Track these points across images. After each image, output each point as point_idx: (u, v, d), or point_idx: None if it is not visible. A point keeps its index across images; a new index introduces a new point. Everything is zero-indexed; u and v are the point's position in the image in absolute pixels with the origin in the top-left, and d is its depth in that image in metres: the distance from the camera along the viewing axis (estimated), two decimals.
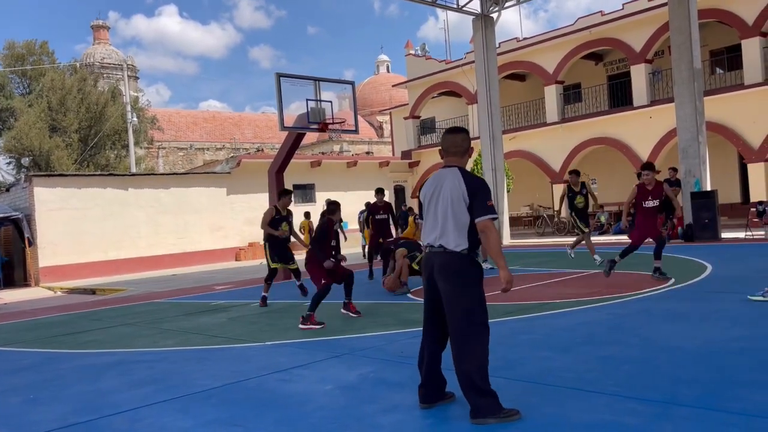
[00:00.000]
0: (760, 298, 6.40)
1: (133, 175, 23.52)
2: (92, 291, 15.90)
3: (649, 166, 8.90)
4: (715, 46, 22.05)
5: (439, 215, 3.76)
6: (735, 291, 7.44)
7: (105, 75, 45.68)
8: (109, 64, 47.38)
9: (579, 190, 11.67)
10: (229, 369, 5.45)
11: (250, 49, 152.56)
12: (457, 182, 3.71)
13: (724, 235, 15.14)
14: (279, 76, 12.55)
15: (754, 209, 15.98)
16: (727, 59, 21.73)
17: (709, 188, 15.39)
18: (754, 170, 19.25)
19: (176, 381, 5.16)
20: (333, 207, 7.71)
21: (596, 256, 11.20)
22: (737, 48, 20.04)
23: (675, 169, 16.04)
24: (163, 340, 7.23)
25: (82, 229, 20.08)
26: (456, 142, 3.87)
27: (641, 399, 3.74)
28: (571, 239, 19.97)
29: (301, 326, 7.11)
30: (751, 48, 19.27)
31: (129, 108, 31.18)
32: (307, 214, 19.16)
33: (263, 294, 9.66)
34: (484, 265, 11.28)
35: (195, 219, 22.68)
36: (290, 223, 13.76)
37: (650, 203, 8.63)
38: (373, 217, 12.02)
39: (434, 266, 3.74)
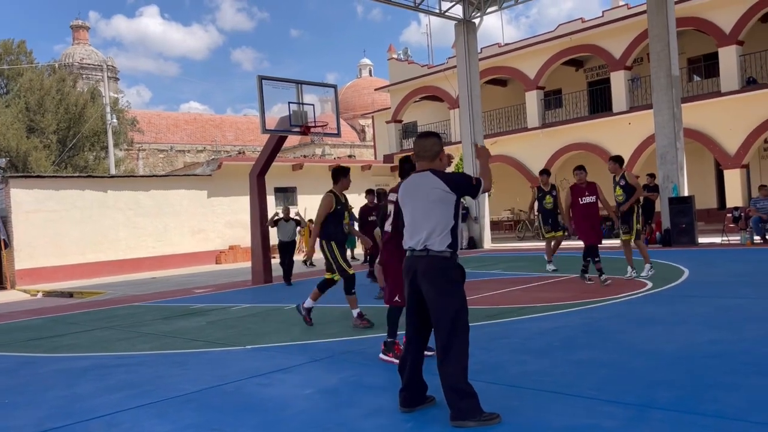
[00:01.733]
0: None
1: (113, 177, 23.26)
2: (70, 294, 15.69)
3: (580, 167, 9.71)
4: (693, 53, 22.40)
5: (420, 219, 3.79)
6: (711, 295, 7.56)
7: (84, 76, 45.19)
8: (89, 64, 46.89)
9: (548, 191, 11.74)
10: (207, 373, 5.41)
11: (233, 51, 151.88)
12: (435, 183, 3.75)
13: (701, 240, 15.36)
14: (261, 78, 12.50)
15: (730, 215, 16.23)
16: (705, 67, 22.08)
17: (686, 194, 15.62)
18: (730, 176, 19.56)
19: (154, 385, 5.11)
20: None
21: (550, 266, 11.20)
22: (714, 56, 20.38)
23: (653, 175, 16.26)
24: (141, 344, 7.16)
25: (59, 232, 19.80)
26: (426, 147, 3.92)
27: (618, 402, 3.78)
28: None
29: (383, 357, 5.38)
30: (727, 56, 19.60)
31: (108, 109, 30.85)
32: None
33: (309, 305, 7.40)
34: (549, 267, 11.20)
35: (175, 221, 22.49)
36: (351, 214, 12.95)
37: (587, 199, 9.16)
38: (366, 219, 11.09)
39: (417, 270, 3.75)
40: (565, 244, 12.78)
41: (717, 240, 15.46)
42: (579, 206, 9.21)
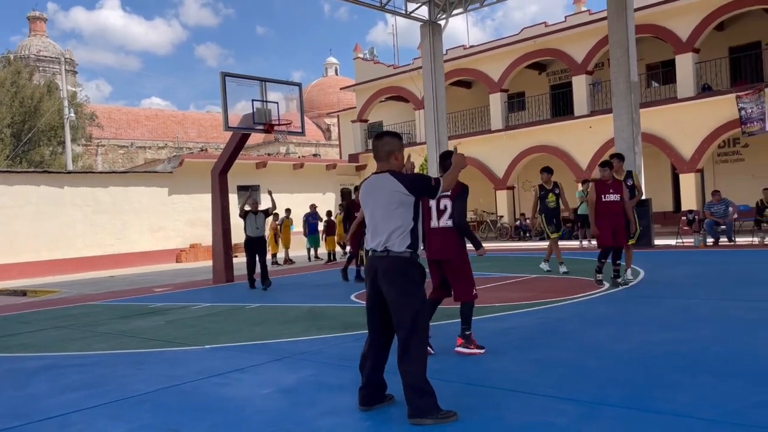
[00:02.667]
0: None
1: (70, 172, 22.69)
2: (23, 292, 15.25)
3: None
4: (652, 60, 22.96)
5: (379, 221, 3.82)
6: (665, 296, 7.77)
7: (41, 68, 44.00)
8: (46, 57, 45.68)
9: (551, 188, 10.96)
10: (164, 373, 5.33)
11: (196, 47, 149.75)
12: (393, 186, 3.78)
13: (657, 242, 15.76)
14: (224, 75, 12.37)
15: (684, 218, 16.70)
16: (662, 73, 22.67)
17: (643, 197, 15.98)
18: (686, 180, 20.11)
19: (109, 386, 5.01)
20: None
21: (563, 267, 10.65)
22: (671, 63, 20.93)
23: None
24: (96, 344, 7.01)
25: (13, 228, 19.23)
26: (378, 147, 3.95)
27: (571, 400, 3.86)
28: (513, 244, 20.42)
29: (461, 349, 5.31)
30: (684, 63, 20.14)
31: (66, 103, 30.10)
32: (288, 211, 19.08)
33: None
34: (543, 266, 10.93)
35: (134, 219, 22.07)
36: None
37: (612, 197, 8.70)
38: (353, 214, 11.03)
39: (378, 271, 3.78)
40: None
41: (672, 242, 15.89)
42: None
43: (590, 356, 4.95)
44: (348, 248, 11.99)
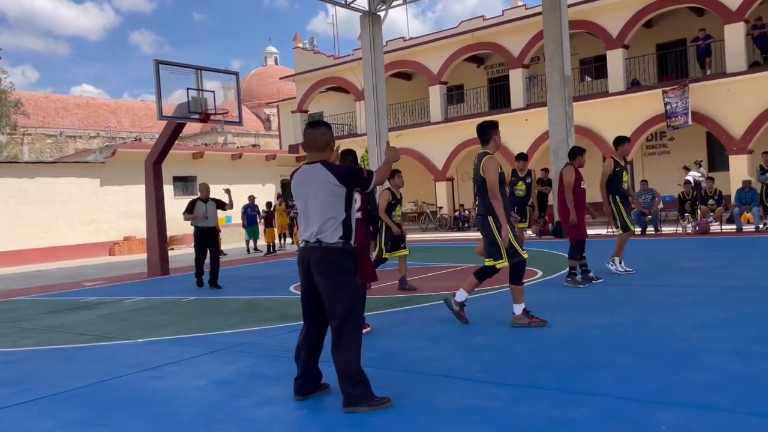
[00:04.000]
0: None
1: None
2: None
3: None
4: (585, 55, 23.65)
5: (311, 212, 3.80)
6: (595, 283, 8.06)
7: None
8: None
9: (524, 177, 10.27)
10: (95, 368, 5.19)
11: (130, 33, 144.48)
12: (325, 176, 3.77)
13: (589, 231, 16.25)
14: (157, 63, 12.05)
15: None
16: (595, 68, 23.39)
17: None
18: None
19: (37, 382, 4.84)
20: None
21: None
22: (603, 58, 21.62)
23: (546, 170, 17.07)
24: (22, 340, 6.75)
25: None
26: (315, 137, 3.90)
27: (503, 384, 3.98)
28: (453, 235, 20.75)
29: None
30: (614, 58, 20.86)
31: None
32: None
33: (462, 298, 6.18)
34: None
35: (64, 211, 21.23)
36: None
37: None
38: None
39: (311, 261, 3.77)
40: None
41: (603, 231, 16.47)
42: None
43: (522, 341, 5.11)
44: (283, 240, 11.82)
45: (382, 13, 20.66)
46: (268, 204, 18.86)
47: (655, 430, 3.08)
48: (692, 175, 16.57)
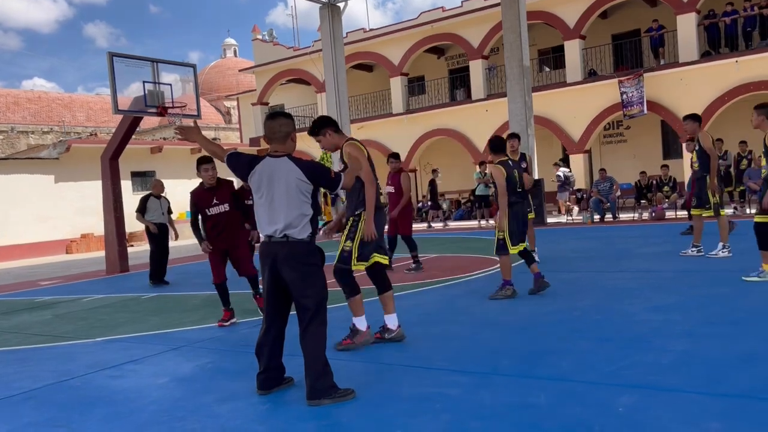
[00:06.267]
0: (755, 279, 6.22)
1: None
2: None
3: (395, 155, 9.42)
4: (543, 45, 23.93)
5: (277, 205, 3.73)
6: (554, 270, 8.19)
7: None
8: None
9: (517, 163, 9.54)
10: (52, 369, 5.06)
11: (85, 26, 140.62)
12: (294, 172, 3.73)
13: (549, 220, 16.59)
14: (111, 55, 11.75)
15: (574, 196, 17.63)
16: (553, 58, 23.69)
17: (536, 177, 16.73)
18: (575, 161, 21.23)
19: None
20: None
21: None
22: (561, 49, 21.91)
23: None
24: None
25: None
26: (274, 128, 3.83)
27: (464, 371, 4.03)
28: (415, 226, 20.82)
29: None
30: (572, 49, 21.17)
31: None
32: None
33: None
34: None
35: (17, 209, 20.61)
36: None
37: (388, 188, 9.02)
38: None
39: (278, 256, 3.72)
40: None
41: (563, 219, 16.78)
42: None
43: (483, 329, 5.17)
44: None
45: (341, 5, 20.53)
46: None
47: (613, 412, 3.16)
48: (562, 171, 17.99)
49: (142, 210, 10.29)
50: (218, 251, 6.28)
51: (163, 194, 10.62)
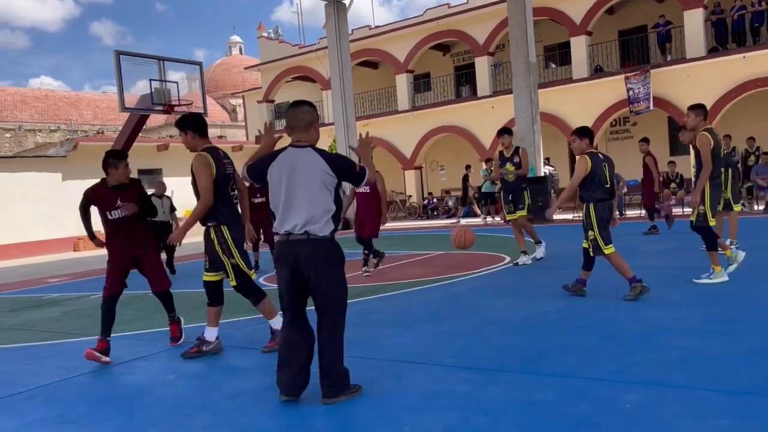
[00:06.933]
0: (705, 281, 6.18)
1: None
2: None
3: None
4: (549, 42, 23.84)
5: (299, 200, 3.51)
6: (559, 267, 8.20)
7: None
8: None
9: (510, 156, 8.79)
10: (60, 365, 5.09)
11: (91, 24, 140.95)
12: (319, 165, 3.54)
13: (556, 217, 16.53)
14: (118, 53, 11.80)
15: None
16: (559, 55, 23.61)
17: (542, 174, 16.71)
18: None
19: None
20: None
21: (524, 258, 8.72)
22: (567, 45, 21.84)
23: None
24: None
25: None
26: (297, 116, 3.65)
27: (472, 368, 4.03)
28: (422, 223, 20.80)
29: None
30: (578, 45, 21.09)
31: None
32: None
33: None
34: (522, 259, 8.70)
35: (24, 207, 20.69)
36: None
37: (364, 189, 8.00)
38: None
39: (299, 255, 3.50)
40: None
41: (569, 216, 16.73)
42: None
43: (490, 326, 5.17)
44: None
45: (347, 2, 20.50)
46: None
47: (620, 409, 3.15)
48: (548, 169, 18.07)
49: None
50: (126, 258, 5.42)
51: (165, 194, 11.15)
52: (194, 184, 4.72)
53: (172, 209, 11.16)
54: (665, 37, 20.17)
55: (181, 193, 12.85)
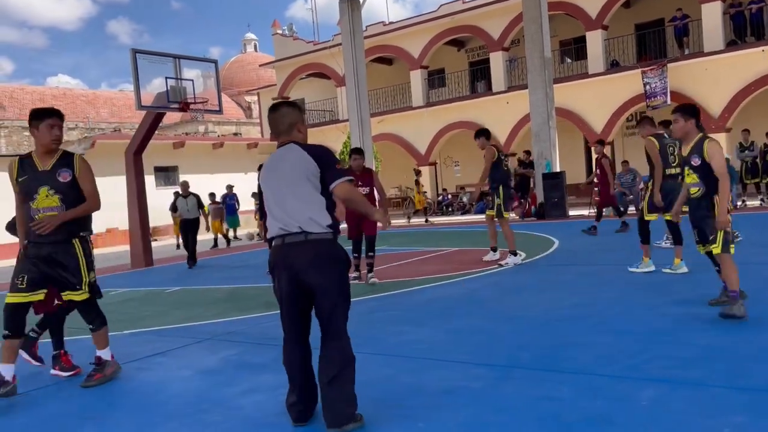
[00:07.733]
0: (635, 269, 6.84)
1: None
2: None
3: (357, 150, 8.15)
4: (564, 36, 23.68)
5: (289, 198, 3.23)
6: (575, 263, 8.17)
7: None
8: None
9: (503, 157, 8.79)
10: (78, 361, 5.14)
11: (108, 22, 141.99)
12: (302, 157, 3.25)
13: (571, 212, 16.45)
14: (135, 52, 11.90)
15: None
16: (575, 49, 23.45)
17: (558, 169, 16.62)
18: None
19: (17, 376, 4.80)
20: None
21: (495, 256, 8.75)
22: (583, 39, 21.68)
23: (528, 152, 17.16)
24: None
25: None
26: (278, 120, 3.38)
27: (487, 365, 4.03)
28: (436, 219, 20.78)
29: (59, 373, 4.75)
30: (594, 40, 20.92)
31: None
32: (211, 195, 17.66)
33: None
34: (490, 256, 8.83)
35: None
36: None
37: (362, 190, 7.70)
38: None
39: (297, 260, 3.18)
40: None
41: (585, 212, 16.61)
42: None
43: (504, 323, 5.17)
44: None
45: None
46: (211, 195, 17.89)
47: (636, 405, 3.15)
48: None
49: (173, 209, 12.86)
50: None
51: (191, 192, 12.43)
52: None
53: (200, 205, 12.38)
54: (683, 30, 19.95)
55: (197, 190, 12.94)
